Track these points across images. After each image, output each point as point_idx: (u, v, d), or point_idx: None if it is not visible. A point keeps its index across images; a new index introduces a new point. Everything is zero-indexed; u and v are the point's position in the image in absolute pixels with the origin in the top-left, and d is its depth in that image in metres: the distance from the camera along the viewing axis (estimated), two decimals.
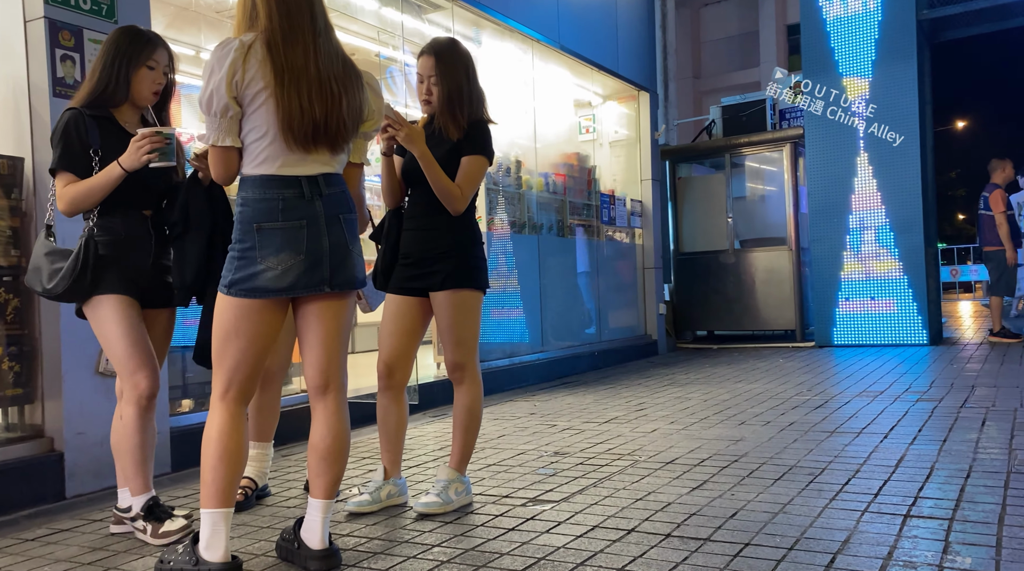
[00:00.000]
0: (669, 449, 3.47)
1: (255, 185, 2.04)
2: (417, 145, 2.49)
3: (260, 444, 2.91)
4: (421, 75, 2.61)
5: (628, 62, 8.02)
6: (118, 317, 2.41)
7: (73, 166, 2.40)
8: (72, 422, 3.06)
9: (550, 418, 4.48)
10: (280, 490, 3.05)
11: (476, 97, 2.63)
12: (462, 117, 2.59)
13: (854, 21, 7.97)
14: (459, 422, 2.70)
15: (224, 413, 2.05)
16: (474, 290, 2.65)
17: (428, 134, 2.63)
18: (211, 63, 1.99)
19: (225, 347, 2.06)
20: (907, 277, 7.72)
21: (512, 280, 6.28)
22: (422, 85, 2.61)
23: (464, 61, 2.62)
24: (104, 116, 2.46)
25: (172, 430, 3.45)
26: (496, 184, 6.20)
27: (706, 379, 5.93)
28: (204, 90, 1.99)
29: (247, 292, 2.03)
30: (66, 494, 3.02)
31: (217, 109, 1.98)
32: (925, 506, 2.46)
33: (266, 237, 2.02)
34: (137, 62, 2.46)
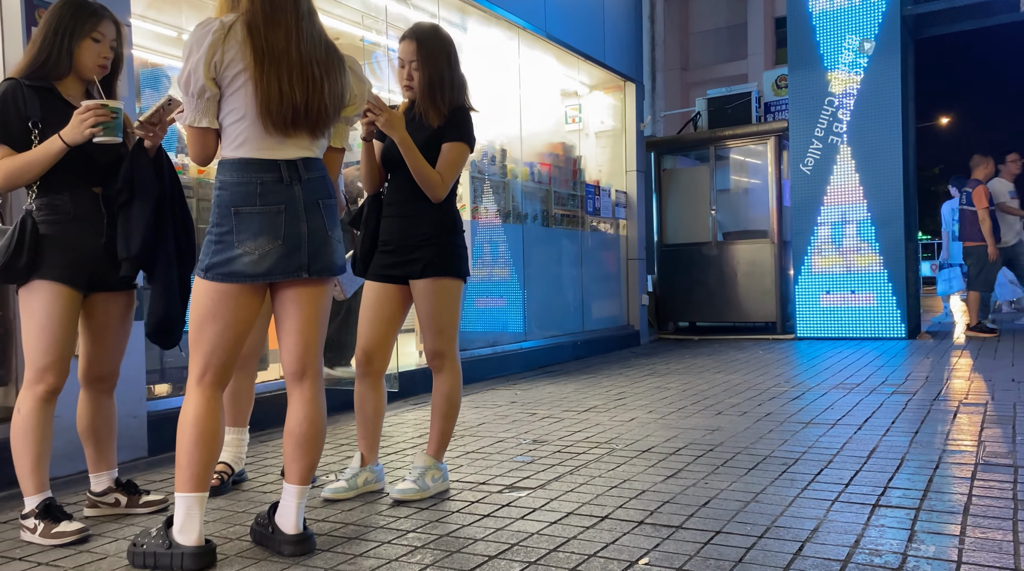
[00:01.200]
0: (646, 438, 3.50)
1: (233, 168, 2.03)
2: (397, 131, 2.48)
3: (236, 429, 2.90)
4: (402, 60, 2.60)
5: (615, 52, 8.01)
6: (46, 309, 2.27)
7: (8, 138, 2.26)
8: None
9: (531, 406, 4.50)
10: (257, 475, 3.05)
11: (458, 83, 2.62)
12: (443, 103, 2.58)
13: (839, 15, 8.00)
14: (437, 409, 2.71)
15: (200, 397, 2.05)
16: (454, 278, 2.65)
17: (409, 120, 2.62)
18: (190, 43, 1.96)
19: (202, 331, 2.04)
20: (887, 271, 7.79)
21: (496, 269, 6.29)
22: (403, 70, 2.60)
23: (446, 47, 2.60)
24: (45, 87, 2.33)
25: (149, 414, 3.44)
26: (481, 173, 6.19)
27: (686, 369, 5.98)
28: (183, 70, 1.96)
29: (224, 276, 2.02)
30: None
31: (194, 90, 1.96)
32: (894, 496, 2.50)
33: (244, 221, 2.01)
34: (80, 33, 2.34)
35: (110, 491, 2.53)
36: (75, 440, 3.11)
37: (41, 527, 2.27)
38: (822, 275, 8.07)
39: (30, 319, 2.28)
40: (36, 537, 2.28)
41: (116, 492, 2.54)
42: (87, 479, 2.59)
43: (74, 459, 3.12)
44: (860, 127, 7.82)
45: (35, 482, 2.31)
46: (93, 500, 2.54)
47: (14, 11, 3.00)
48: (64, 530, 2.27)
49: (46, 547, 2.26)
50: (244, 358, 2.86)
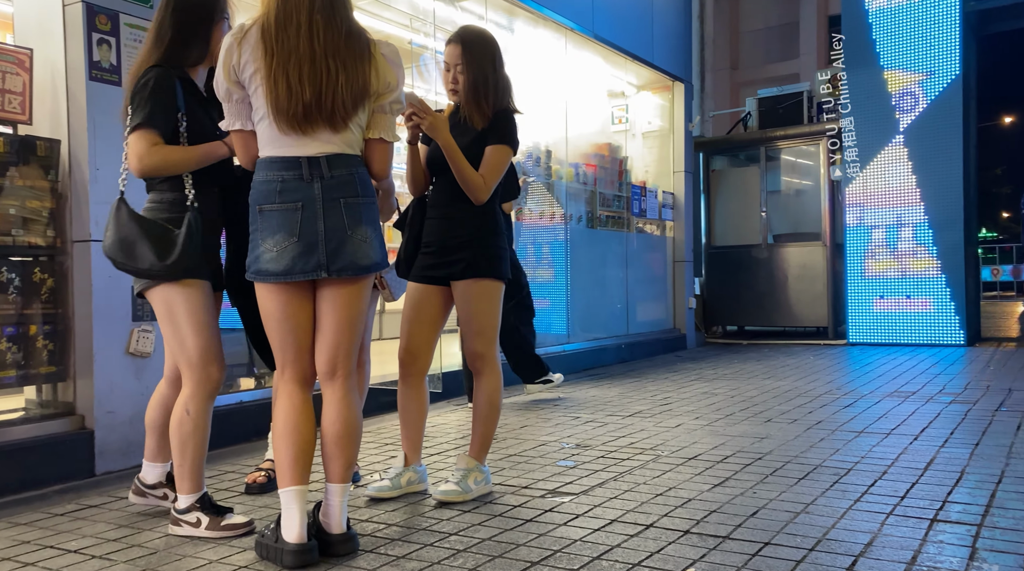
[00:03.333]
0: (692, 445, 3.43)
1: (260, 167, 2.08)
2: (441, 134, 2.48)
3: None
4: (448, 63, 2.60)
5: (663, 52, 7.92)
6: (203, 306, 2.30)
7: (161, 126, 2.22)
8: (103, 401, 3.12)
9: (574, 410, 4.46)
10: None
11: (502, 86, 2.61)
12: (487, 106, 2.58)
13: (897, 12, 7.76)
14: (479, 411, 2.70)
15: (283, 393, 2.11)
16: (494, 280, 2.64)
17: (454, 123, 2.62)
18: (222, 48, 2.05)
19: (267, 328, 2.13)
20: (945, 276, 7.54)
21: (540, 270, 6.26)
22: (448, 73, 2.60)
23: (491, 50, 2.60)
24: (186, 78, 2.32)
25: None
26: (526, 174, 6.17)
27: (734, 375, 5.86)
28: (216, 75, 2.06)
29: (254, 274, 2.08)
30: (95, 471, 3.09)
31: (223, 94, 2.04)
32: (953, 511, 2.40)
33: (265, 219, 2.05)
34: (214, 18, 2.31)
35: (160, 485, 2.57)
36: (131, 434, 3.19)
37: (207, 521, 2.30)
38: (876, 279, 7.84)
39: (183, 318, 2.27)
40: (203, 531, 2.30)
41: (166, 487, 2.57)
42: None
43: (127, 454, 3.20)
44: (918, 127, 7.58)
45: (196, 480, 2.32)
46: (141, 489, 2.57)
47: (76, 18, 3.09)
48: (235, 522, 2.32)
49: (99, 540, 2.31)
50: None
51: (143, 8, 3.27)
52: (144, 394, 3.24)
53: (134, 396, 3.21)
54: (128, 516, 2.55)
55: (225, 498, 2.74)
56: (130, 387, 3.19)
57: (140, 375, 3.23)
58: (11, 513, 2.62)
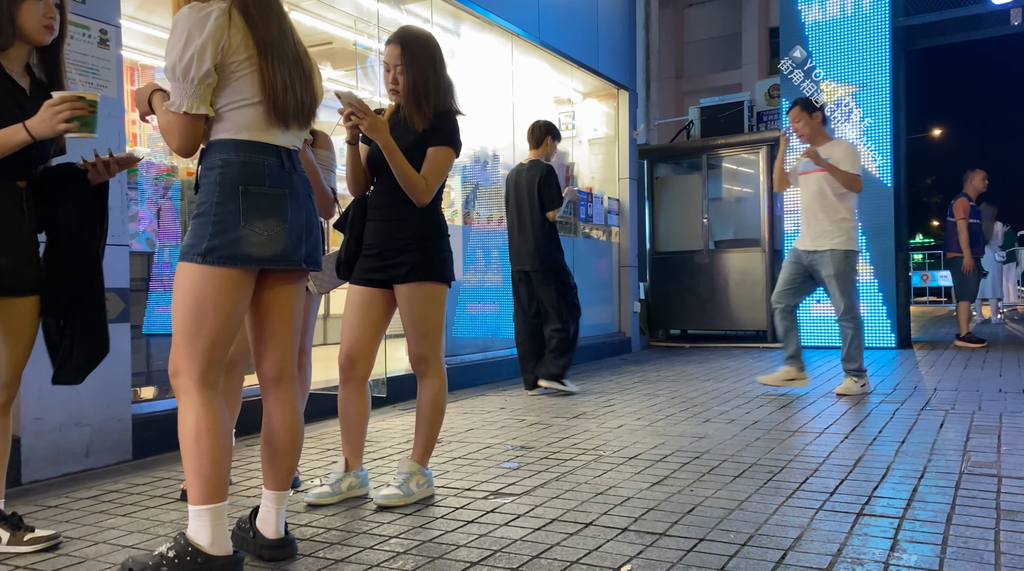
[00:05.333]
0: (633, 445, 3.49)
1: (238, 147, 1.94)
2: (381, 135, 2.47)
3: None
4: (387, 64, 2.60)
5: (609, 60, 8.03)
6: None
7: None
8: (30, 407, 3.01)
9: (519, 413, 4.49)
10: (241, 479, 3.03)
11: (443, 87, 2.62)
12: (428, 107, 2.58)
13: (832, 26, 8.04)
14: (422, 415, 2.70)
15: (209, 400, 1.92)
16: (439, 283, 2.64)
17: (394, 123, 2.62)
18: (187, 26, 1.85)
19: (201, 324, 1.90)
20: (878, 281, 7.82)
21: (488, 275, 6.28)
22: (388, 74, 2.60)
23: (431, 50, 2.60)
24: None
25: (134, 417, 3.41)
26: (472, 177, 6.19)
27: (676, 377, 5.98)
28: (180, 54, 1.85)
29: (227, 259, 1.90)
30: (22, 480, 2.98)
31: (196, 75, 1.85)
32: (878, 505, 2.50)
33: (252, 200, 1.92)
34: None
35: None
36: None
37: (7, 536, 2.18)
38: None
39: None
40: (3, 546, 2.17)
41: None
42: None
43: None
44: (852, 137, 7.86)
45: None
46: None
47: None
48: (39, 535, 2.20)
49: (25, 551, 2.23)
50: (233, 362, 2.83)
51: (76, 4, 3.18)
52: (77, 400, 3.15)
53: (64, 403, 3.11)
54: (55, 525, 2.46)
55: (160, 504, 2.68)
56: (60, 393, 3.09)
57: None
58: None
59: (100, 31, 3.27)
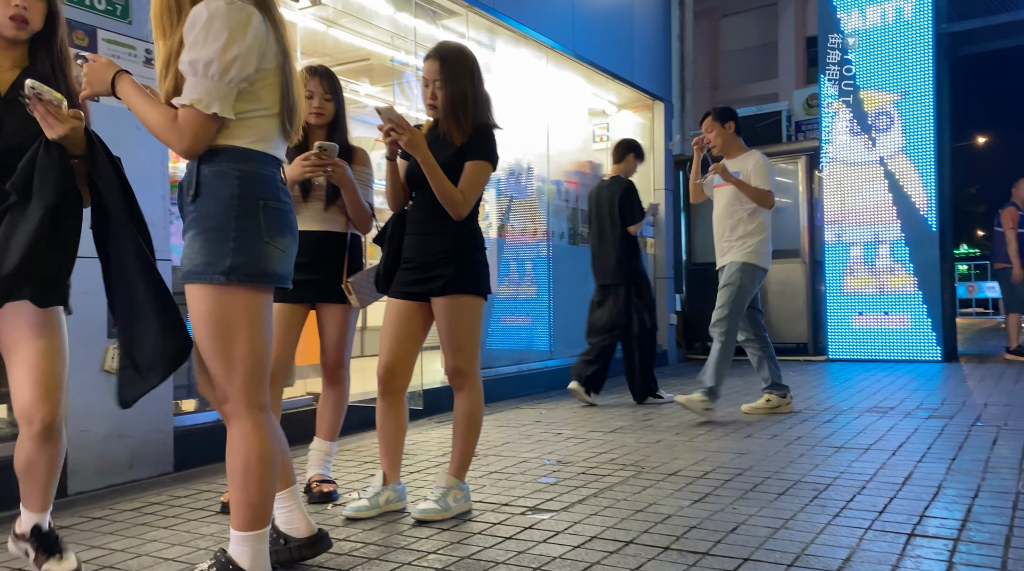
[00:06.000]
0: (673, 460, 3.43)
1: (255, 159, 1.83)
2: (419, 150, 2.48)
3: None
4: (426, 79, 2.61)
5: (644, 71, 8.00)
6: None
7: None
8: (76, 419, 3.07)
9: (555, 426, 4.45)
10: None
11: (481, 102, 2.62)
12: (466, 122, 2.59)
13: (872, 34, 7.91)
14: (459, 429, 2.69)
15: (264, 425, 1.82)
16: (475, 296, 2.63)
17: (432, 138, 2.63)
18: (228, 24, 1.73)
19: (236, 348, 1.78)
20: (922, 293, 7.63)
21: (522, 287, 6.27)
22: (427, 89, 2.61)
23: (469, 65, 2.61)
24: None
25: (175, 429, 3.46)
26: (507, 190, 6.20)
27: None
28: (220, 51, 1.71)
29: (253, 277, 1.79)
30: (68, 491, 3.03)
31: (236, 77, 1.74)
32: (930, 525, 2.41)
33: (271, 215, 1.83)
34: None
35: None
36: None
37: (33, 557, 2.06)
38: (855, 296, 7.92)
39: None
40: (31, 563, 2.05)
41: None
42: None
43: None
44: (894, 146, 7.71)
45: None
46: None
47: None
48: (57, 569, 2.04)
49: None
50: (274, 374, 2.84)
51: (122, 23, 3.26)
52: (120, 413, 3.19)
53: (109, 414, 3.16)
54: (100, 537, 2.50)
55: (201, 517, 2.70)
56: (105, 405, 3.14)
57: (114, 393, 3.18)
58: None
59: (145, 50, 3.34)
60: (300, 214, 2.86)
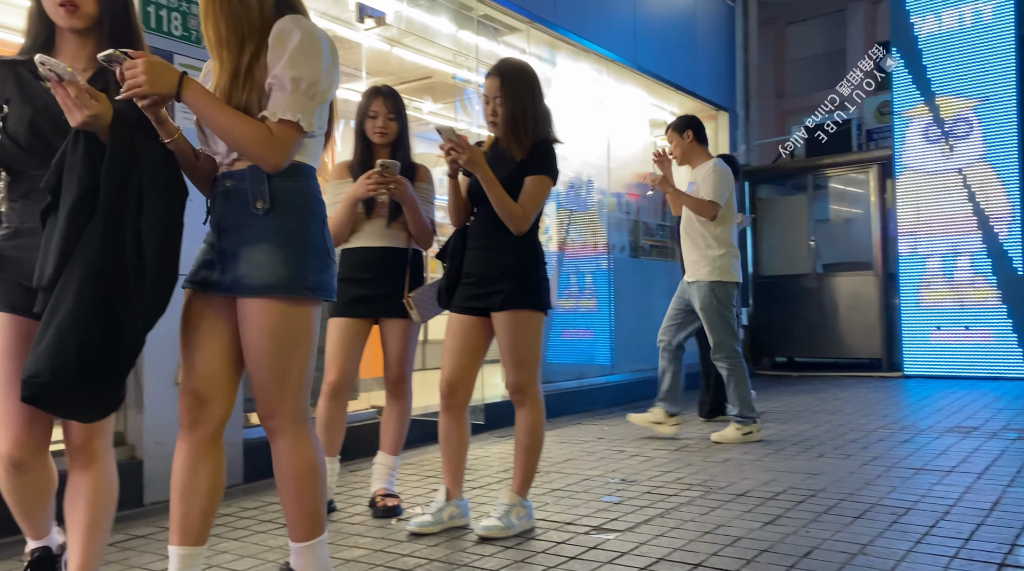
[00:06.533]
0: (742, 480, 3.33)
1: (314, 177, 1.84)
2: (479, 168, 2.50)
3: (328, 459, 2.94)
4: (487, 96, 2.63)
5: (707, 82, 7.89)
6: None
7: None
8: (152, 431, 3.17)
9: (618, 443, 4.39)
10: (345, 505, 3.08)
11: (541, 117, 2.62)
12: (526, 137, 2.59)
13: (949, 37, 7.61)
14: (520, 445, 2.67)
15: (310, 435, 1.81)
16: (535, 311, 2.62)
17: (493, 155, 2.63)
18: (323, 44, 1.73)
19: (298, 361, 1.76)
20: (1006, 307, 7.25)
21: (583, 301, 6.22)
22: (488, 106, 2.63)
23: (529, 81, 2.62)
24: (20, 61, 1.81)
25: (245, 442, 3.54)
26: (566, 204, 6.17)
27: (784, 408, 5.71)
28: (323, 71, 1.71)
29: (330, 292, 1.81)
30: (144, 501, 3.13)
31: (329, 98, 1.77)
32: (1023, 555, 2.27)
33: (329, 235, 1.87)
34: None
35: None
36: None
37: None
38: (932, 310, 7.59)
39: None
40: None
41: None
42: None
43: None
44: (973, 154, 7.38)
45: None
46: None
47: None
48: None
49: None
50: (338, 387, 2.90)
51: (198, 49, 3.38)
52: None
53: None
54: None
55: (268, 530, 2.74)
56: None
57: None
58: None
59: None
60: (363, 230, 2.91)
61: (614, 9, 6.51)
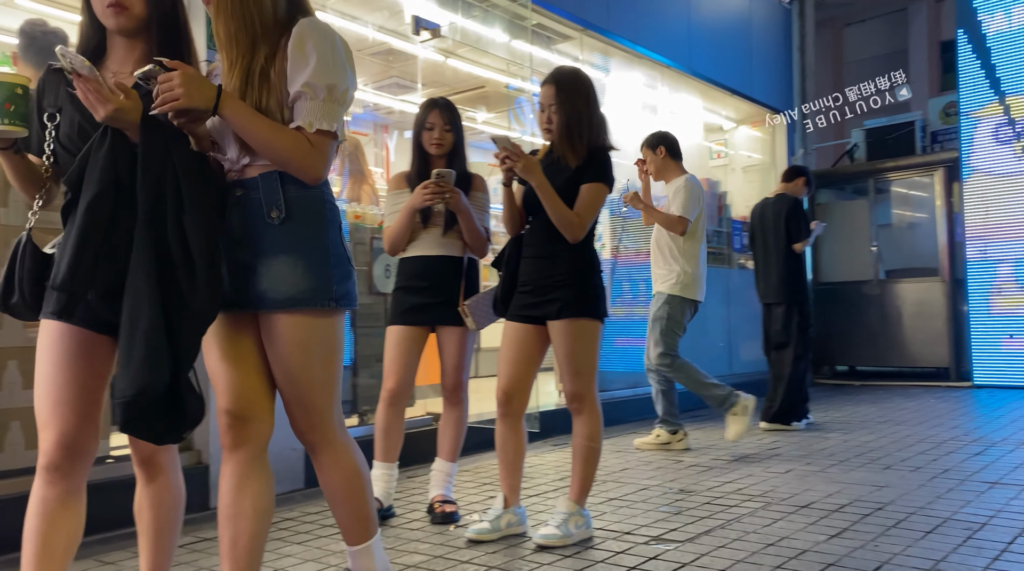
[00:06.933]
0: (804, 492, 3.25)
1: (328, 184, 1.76)
2: (535, 175, 2.51)
3: (386, 464, 2.98)
4: (542, 104, 2.64)
5: (763, 85, 7.76)
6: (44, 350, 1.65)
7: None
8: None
9: (675, 453, 4.33)
10: (404, 511, 3.11)
11: (596, 124, 2.62)
12: (581, 145, 2.59)
13: (1019, 35, 7.33)
14: (578, 454, 2.66)
15: (348, 443, 1.77)
16: (592, 319, 2.61)
17: (548, 163, 2.64)
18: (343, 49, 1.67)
19: (333, 372, 1.71)
20: None
21: (637, 308, 6.16)
22: (543, 114, 2.64)
23: (585, 89, 2.62)
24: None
25: None
26: (620, 210, 6.13)
27: (847, 418, 5.55)
28: (347, 78, 1.64)
29: (353, 301, 1.73)
30: (209, 505, 3.21)
31: (350, 98, 1.69)
32: None
33: (345, 242, 1.78)
34: None
35: None
36: None
37: None
38: (1004, 317, 7.29)
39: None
40: None
41: None
42: None
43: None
44: None
45: None
46: None
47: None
48: None
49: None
50: (397, 395, 2.94)
51: None
52: None
53: None
54: None
55: (330, 534, 2.79)
56: None
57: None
58: (130, 545, 2.75)
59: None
60: (420, 239, 2.96)
61: (668, 15, 6.46)
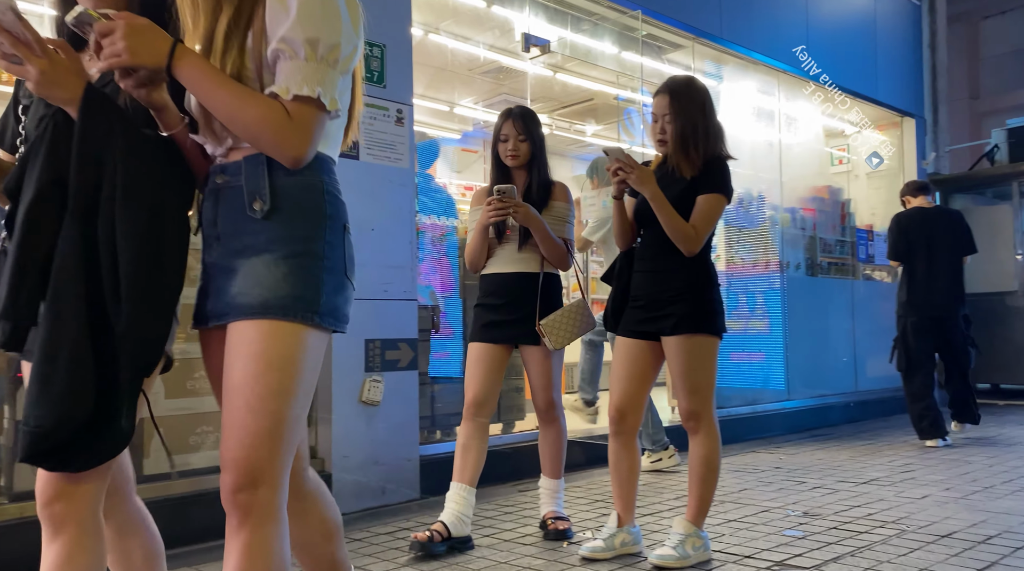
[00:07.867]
0: (944, 520, 3.02)
1: (333, 170, 1.41)
2: (648, 187, 2.46)
3: (459, 485, 2.77)
4: (655, 115, 2.60)
5: (889, 87, 7.35)
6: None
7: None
8: (339, 446, 3.39)
9: (798, 474, 4.13)
10: (515, 525, 3.11)
11: (712, 133, 2.55)
12: (696, 155, 2.52)
13: None
14: (695, 473, 2.58)
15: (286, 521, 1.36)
16: (709, 335, 2.53)
17: (662, 174, 2.59)
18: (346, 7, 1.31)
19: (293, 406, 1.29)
20: None
21: (754, 322, 5.95)
22: (656, 125, 2.59)
23: (700, 97, 2.55)
24: None
25: (421, 458, 3.69)
26: (736, 221, 5.96)
27: (991, 440, 5.12)
28: (344, 37, 1.29)
29: (341, 321, 1.37)
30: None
31: (352, 67, 1.35)
32: None
33: (350, 244, 1.42)
34: None
35: None
36: None
37: None
38: None
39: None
40: None
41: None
42: None
43: None
44: None
45: None
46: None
47: None
48: None
49: None
50: (474, 411, 2.79)
51: (377, 88, 3.61)
52: (374, 441, 3.49)
53: (365, 442, 3.45)
54: (359, 558, 2.71)
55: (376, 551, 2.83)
56: (362, 433, 3.44)
57: (370, 422, 3.48)
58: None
59: (397, 110, 3.68)
60: (496, 256, 2.88)
61: (784, 18, 6.24)
